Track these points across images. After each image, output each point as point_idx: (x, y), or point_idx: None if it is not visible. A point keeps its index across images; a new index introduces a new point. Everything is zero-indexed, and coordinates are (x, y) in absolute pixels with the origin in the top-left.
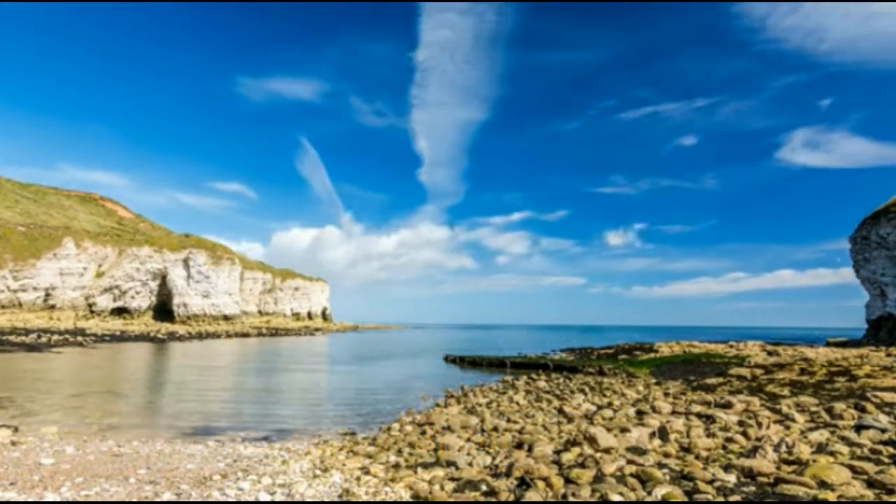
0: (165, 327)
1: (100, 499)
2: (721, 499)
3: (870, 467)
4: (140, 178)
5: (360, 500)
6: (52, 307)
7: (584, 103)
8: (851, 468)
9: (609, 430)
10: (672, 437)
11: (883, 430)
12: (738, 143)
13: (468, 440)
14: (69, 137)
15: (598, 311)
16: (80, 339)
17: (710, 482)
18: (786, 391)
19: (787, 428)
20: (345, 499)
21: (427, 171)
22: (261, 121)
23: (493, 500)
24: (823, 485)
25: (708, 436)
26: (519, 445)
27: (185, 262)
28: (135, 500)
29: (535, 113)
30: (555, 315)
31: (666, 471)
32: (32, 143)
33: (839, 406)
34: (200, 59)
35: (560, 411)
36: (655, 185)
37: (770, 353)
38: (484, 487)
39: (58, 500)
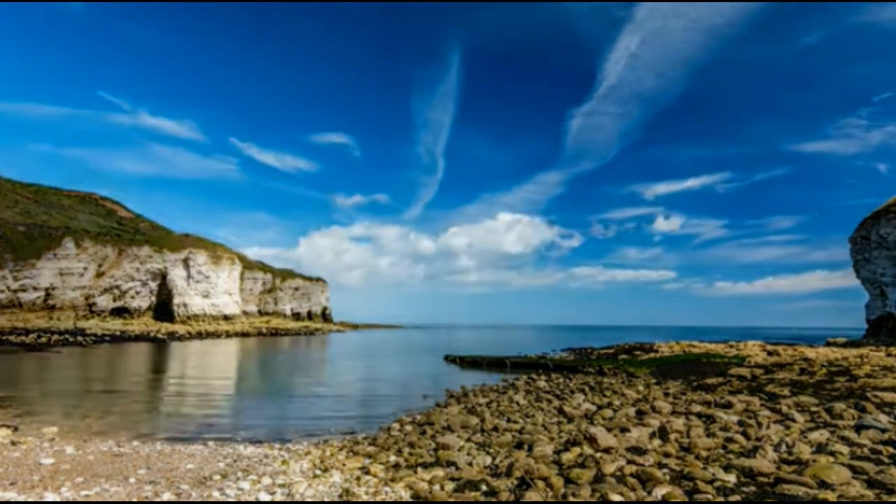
0: (165, 327)
1: (100, 499)
2: (721, 499)
3: (870, 467)
4: (210, 126)
5: (360, 500)
6: (52, 307)
7: None
8: (851, 468)
9: (609, 430)
10: (672, 436)
11: (883, 430)
12: None
13: (468, 440)
14: (109, 60)
15: (653, 309)
16: (79, 339)
17: (710, 482)
18: (786, 391)
19: (787, 428)
20: (345, 499)
21: (592, 108)
22: (399, 17)
23: (493, 500)
24: (823, 485)
25: (708, 436)
26: (519, 445)
27: (185, 261)
28: (135, 500)
29: None
30: (593, 315)
31: (666, 471)
32: (63, 64)
33: (839, 406)
34: None
35: (560, 411)
36: None
37: (770, 353)
38: (484, 487)
39: (58, 500)
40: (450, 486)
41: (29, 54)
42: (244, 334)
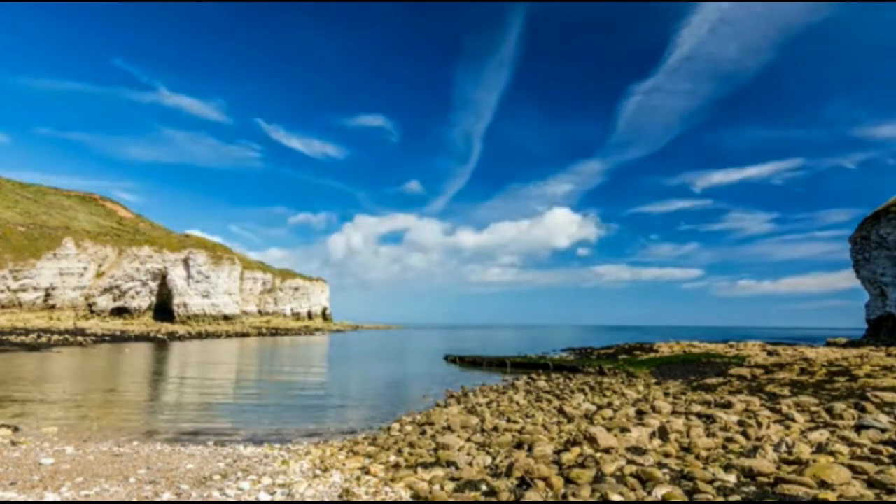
0: (165, 327)
1: (100, 499)
2: (721, 499)
3: (870, 467)
4: (235, 105)
5: (360, 500)
6: (52, 307)
7: None
8: (851, 468)
9: (609, 429)
10: (672, 436)
11: (883, 430)
12: None
13: (468, 440)
14: (128, 24)
15: (670, 308)
16: (79, 339)
17: (710, 482)
18: (786, 391)
19: (787, 428)
20: (345, 499)
21: (655, 84)
22: None
23: (493, 500)
24: (823, 485)
25: (708, 436)
26: (519, 445)
27: (185, 261)
28: (135, 500)
29: None
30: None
31: (666, 471)
32: (74, 26)
33: (839, 406)
34: None
35: (560, 411)
36: None
37: (770, 353)
38: (484, 487)
39: (58, 500)
40: (450, 486)
41: (33, 16)
42: (244, 334)
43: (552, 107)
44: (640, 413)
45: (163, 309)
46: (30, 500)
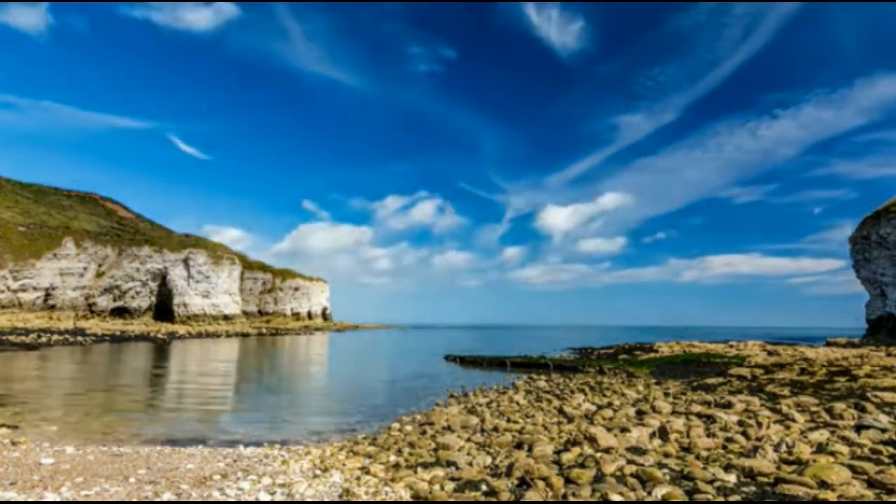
0: (165, 327)
1: (100, 499)
2: (721, 499)
3: (870, 467)
4: None
5: (360, 500)
6: (52, 307)
7: None
8: (851, 468)
9: (609, 429)
10: (672, 436)
11: (883, 430)
12: None
13: (468, 440)
14: None
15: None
16: (79, 339)
17: (710, 482)
18: (786, 391)
19: (787, 428)
20: (345, 499)
21: None
22: None
23: (494, 500)
24: (823, 485)
25: (708, 436)
26: (519, 445)
27: (185, 261)
28: (135, 500)
29: None
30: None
31: (666, 471)
32: None
33: (839, 406)
34: None
35: (560, 411)
36: None
37: (770, 353)
38: (484, 487)
39: (58, 500)
40: (450, 486)
41: None
42: (244, 334)
43: None
44: (640, 413)
45: (163, 309)
46: (30, 500)
